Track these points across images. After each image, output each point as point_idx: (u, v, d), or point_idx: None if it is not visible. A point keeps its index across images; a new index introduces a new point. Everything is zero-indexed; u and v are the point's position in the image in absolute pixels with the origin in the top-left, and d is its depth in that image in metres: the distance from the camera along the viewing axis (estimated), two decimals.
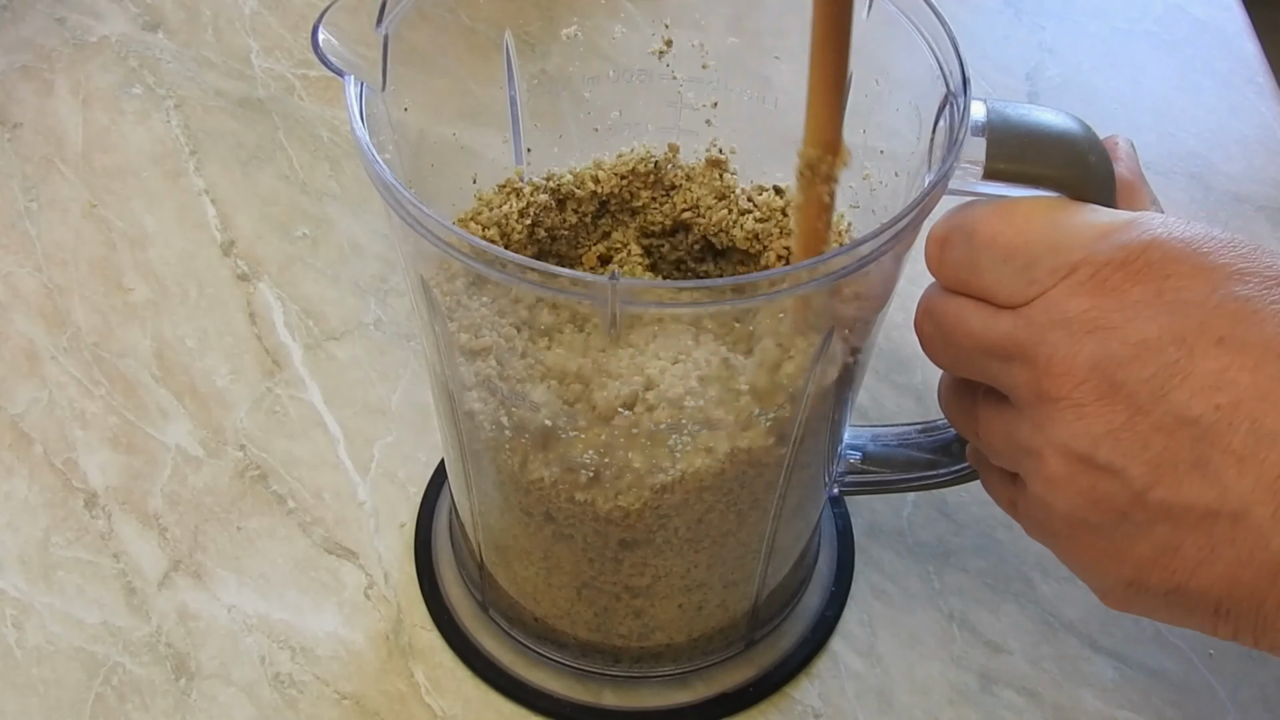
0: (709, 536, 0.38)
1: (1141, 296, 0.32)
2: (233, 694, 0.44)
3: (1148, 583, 0.33)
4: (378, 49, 0.35)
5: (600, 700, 0.44)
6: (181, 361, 0.53)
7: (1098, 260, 0.32)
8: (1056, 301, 0.33)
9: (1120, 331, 0.32)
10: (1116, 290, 0.32)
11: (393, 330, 0.55)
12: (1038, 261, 0.33)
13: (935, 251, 0.35)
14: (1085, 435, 0.32)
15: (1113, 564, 0.34)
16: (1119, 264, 0.32)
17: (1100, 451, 0.32)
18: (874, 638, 0.46)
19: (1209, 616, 0.33)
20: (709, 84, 0.41)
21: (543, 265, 0.30)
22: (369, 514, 0.49)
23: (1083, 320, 0.32)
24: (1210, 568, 0.32)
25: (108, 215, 0.59)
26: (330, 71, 0.33)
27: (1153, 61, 0.69)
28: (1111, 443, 0.32)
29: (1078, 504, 0.33)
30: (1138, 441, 0.31)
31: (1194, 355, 0.31)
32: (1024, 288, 0.33)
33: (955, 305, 0.35)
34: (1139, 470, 0.32)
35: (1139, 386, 0.31)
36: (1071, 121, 0.35)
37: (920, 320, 0.37)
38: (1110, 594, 0.35)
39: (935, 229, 0.35)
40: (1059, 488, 0.33)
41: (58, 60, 0.65)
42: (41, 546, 0.47)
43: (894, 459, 0.44)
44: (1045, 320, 0.33)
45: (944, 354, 0.37)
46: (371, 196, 0.59)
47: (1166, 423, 0.31)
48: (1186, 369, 0.31)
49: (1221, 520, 0.31)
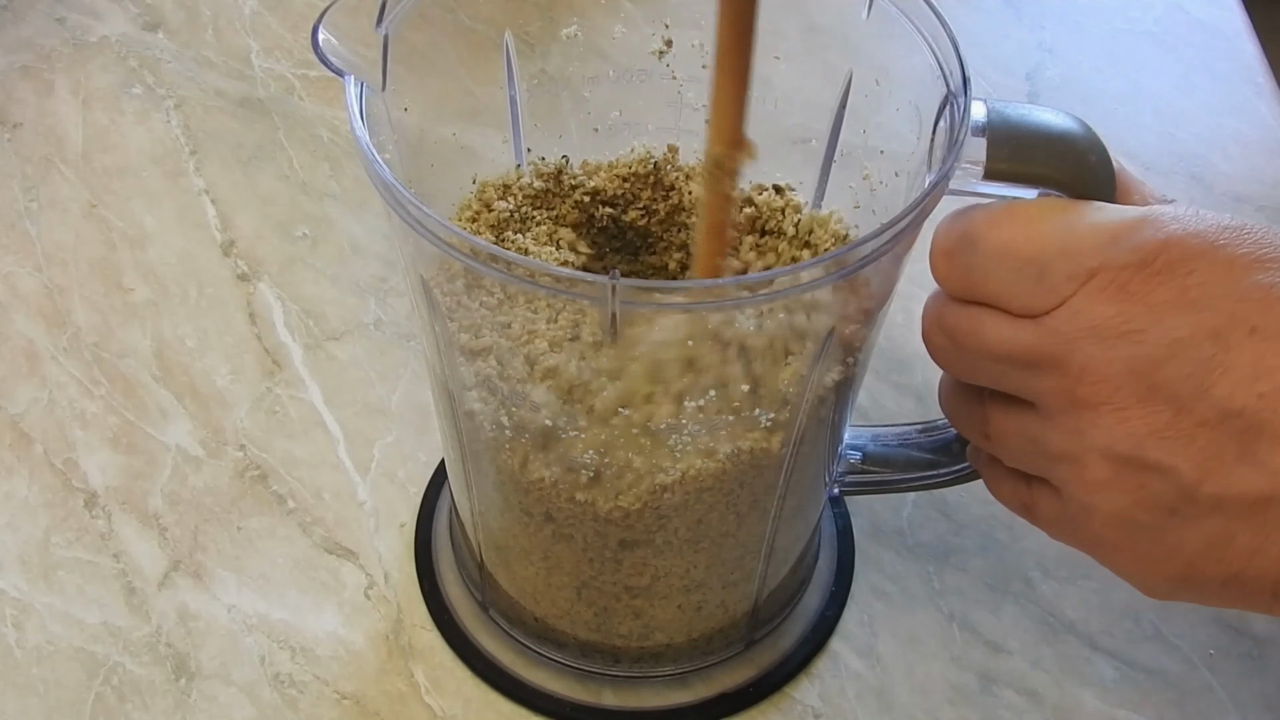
0: (709, 537, 0.38)
1: (1166, 297, 0.32)
2: (233, 694, 0.44)
3: (1201, 575, 0.33)
4: (378, 49, 0.35)
5: (600, 700, 0.44)
6: (181, 361, 0.53)
7: (1115, 265, 0.32)
8: (1080, 309, 0.32)
9: (1151, 334, 0.32)
10: (1140, 294, 0.32)
11: (393, 330, 0.55)
12: (1052, 268, 0.33)
13: (942, 263, 0.35)
14: (1129, 437, 0.32)
15: (1163, 561, 0.34)
16: (1138, 266, 0.32)
17: (1147, 452, 0.32)
18: (874, 638, 0.46)
19: (1266, 598, 0.33)
20: (708, 84, 0.41)
21: (543, 265, 0.30)
22: (369, 514, 0.49)
23: (1111, 327, 0.32)
24: (1265, 553, 0.32)
25: (108, 215, 0.59)
26: (330, 71, 0.33)
27: (1153, 61, 0.69)
28: (1157, 442, 0.32)
29: (1125, 505, 0.33)
30: (1183, 438, 0.32)
31: (1229, 349, 0.31)
32: (1041, 296, 0.33)
33: (968, 316, 0.35)
34: (1188, 467, 0.32)
35: (1179, 385, 0.32)
36: (1072, 121, 0.35)
37: (930, 331, 0.37)
38: (1157, 589, 0.35)
39: (938, 240, 0.35)
40: (1104, 491, 0.33)
41: (58, 60, 0.65)
42: (41, 546, 0.47)
43: (894, 459, 0.44)
44: (1072, 330, 0.33)
45: (958, 364, 0.37)
46: (371, 196, 0.59)
47: (1211, 417, 0.31)
48: (1224, 363, 0.31)
49: (1274, 505, 0.31)
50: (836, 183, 0.41)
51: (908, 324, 0.55)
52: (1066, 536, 0.37)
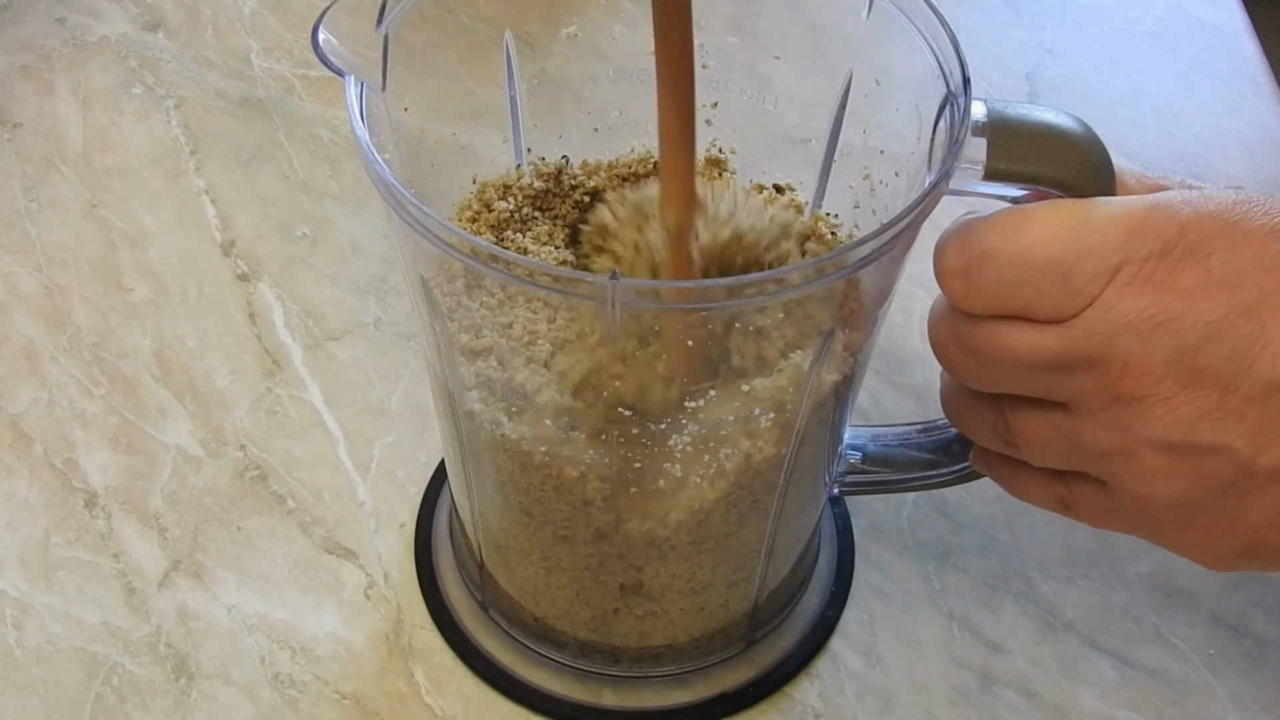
0: (710, 537, 0.38)
1: (1193, 281, 0.32)
2: (233, 694, 0.44)
3: (1265, 544, 0.34)
4: (378, 49, 0.35)
5: (600, 700, 0.44)
6: (181, 361, 0.53)
7: (1138, 257, 0.32)
8: (1111, 306, 0.32)
9: (1186, 320, 0.32)
10: (1165, 282, 0.32)
11: (393, 330, 0.55)
12: (1075, 269, 0.33)
13: (958, 283, 0.34)
14: (1180, 424, 0.33)
15: (1226, 535, 0.35)
16: (1160, 255, 0.32)
17: (1199, 435, 0.33)
18: (874, 638, 0.46)
19: None
20: (709, 84, 0.41)
21: (543, 265, 0.30)
22: (369, 514, 0.49)
23: (1145, 319, 0.32)
24: None
25: (108, 215, 0.59)
26: (330, 71, 0.33)
27: (1153, 61, 0.69)
28: (1209, 424, 0.32)
29: (1182, 489, 0.34)
30: (1233, 417, 0.32)
31: (1264, 323, 0.32)
32: (1068, 298, 0.33)
33: (991, 330, 0.34)
34: (1241, 443, 0.32)
35: (1221, 366, 0.32)
36: (1072, 121, 0.35)
37: (946, 350, 0.36)
38: (1221, 561, 0.36)
39: (947, 261, 0.34)
40: (1161, 478, 0.34)
41: (58, 60, 0.65)
42: (41, 546, 0.48)
43: (894, 459, 0.44)
44: (1106, 328, 0.33)
45: (982, 377, 0.36)
46: (371, 196, 0.59)
47: (1257, 392, 0.32)
48: (1262, 337, 0.32)
49: None
50: (836, 183, 0.41)
51: (908, 324, 0.55)
52: (1116, 524, 0.37)
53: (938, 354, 0.37)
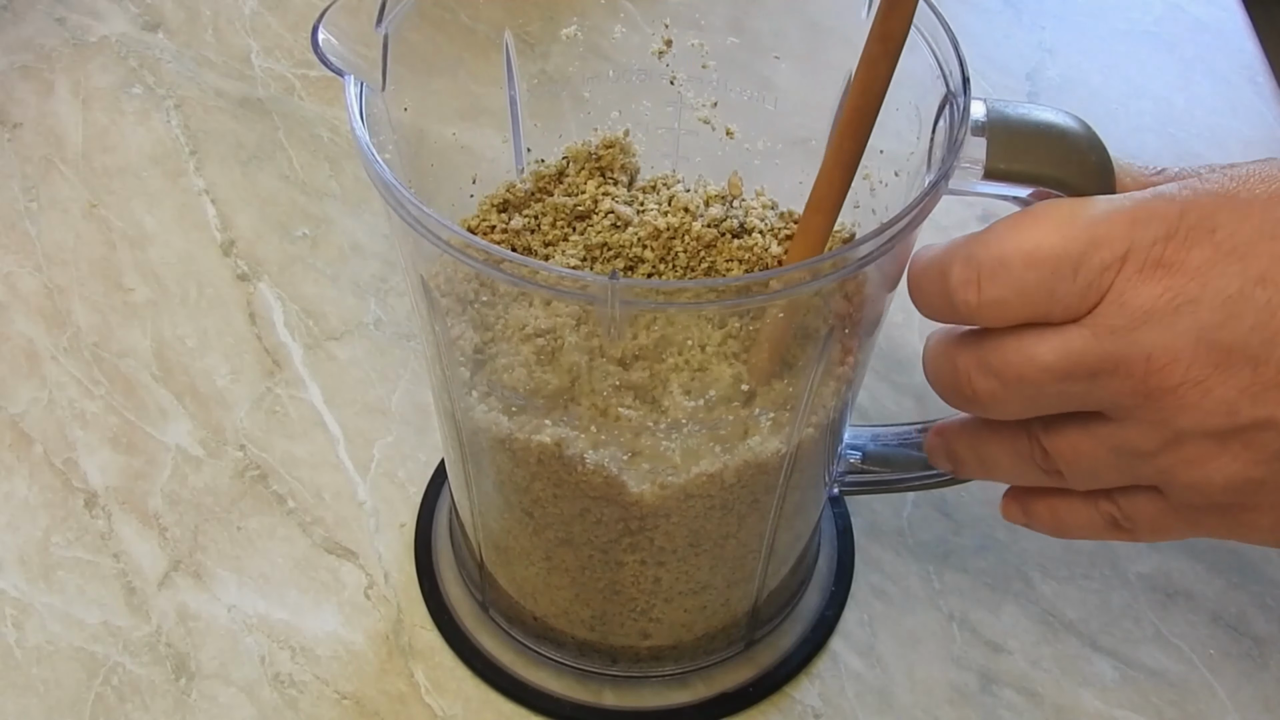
0: (709, 537, 0.38)
1: (1203, 258, 0.32)
2: (233, 694, 0.44)
3: None
4: (378, 49, 0.35)
5: (600, 700, 0.44)
6: (181, 361, 0.53)
7: (1144, 243, 0.32)
8: (1125, 297, 0.32)
9: (1203, 299, 0.32)
10: (1176, 264, 0.32)
11: (393, 330, 0.55)
12: (1084, 263, 0.32)
13: (973, 296, 0.33)
14: (1220, 406, 0.32)
15: None
16: (1166, 238, 0.32)
17: (1242, 413, 0.32)
18: (874, 638, 0.46)
19: None
20: (709, 84, 0.41)
21: (543, 264, 0.30)
22: (369, 514, 0.49)
23: (1162, 305, 0.32)
24: None
25: (108, 215, 0.59)
26: (330, 71, 0.33)
27: (1153, 61, 0.69)
28: (1248, 400, 0.32)
29: (1239, 469, 0.33)
30: (1273, 387, 0.32)
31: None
32: (1081, 293, 0.32)
33: (1015, 342, 0.34)
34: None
35: (1248, 339, 0.32)
36: (1071, 120, 0.35)
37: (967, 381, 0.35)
38: None
39: (954, 276, 0.34)
40: (1213, 463, 0.33)
41: (58, 60, 0.65)
42: (41, 546, 0.48)
43: (894, 459, 0.44)
44: (1123, 322, 0.32)
45: (1011, 402, 0.35)
46: (371, 196, 0.59)
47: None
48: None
49: None
50: None
51: (908, 324, 0.55)
52: (1177, 528, 0.37)
53: (953, 394, 0.36)
